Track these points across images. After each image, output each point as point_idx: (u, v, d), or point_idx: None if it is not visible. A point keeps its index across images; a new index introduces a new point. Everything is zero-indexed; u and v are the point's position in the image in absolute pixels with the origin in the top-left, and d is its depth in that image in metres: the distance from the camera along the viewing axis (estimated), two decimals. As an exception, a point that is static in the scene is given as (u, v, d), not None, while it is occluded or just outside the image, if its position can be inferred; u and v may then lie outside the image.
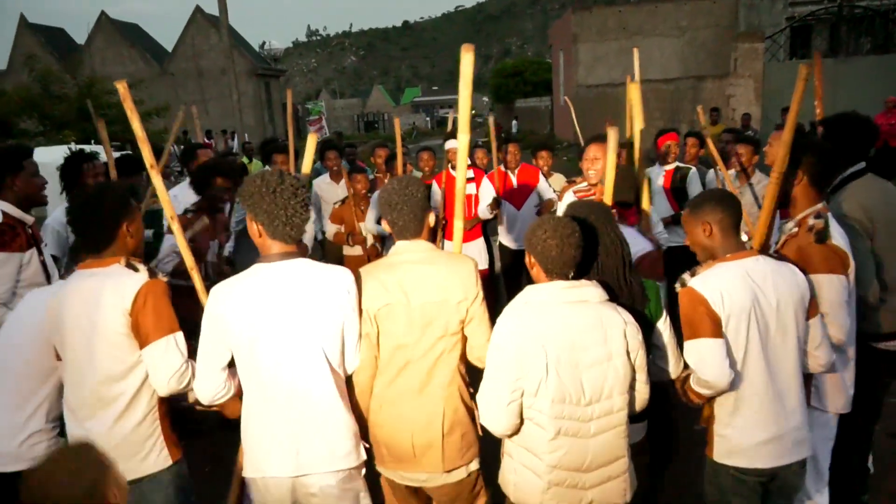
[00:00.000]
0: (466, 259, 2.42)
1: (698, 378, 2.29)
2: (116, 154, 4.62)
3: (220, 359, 2.21)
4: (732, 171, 4.95)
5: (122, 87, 2.47)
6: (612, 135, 2.76)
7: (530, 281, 2.29)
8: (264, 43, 38.94)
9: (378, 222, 5.22)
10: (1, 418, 2.43)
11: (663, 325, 2.45)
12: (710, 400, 2.38)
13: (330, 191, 5.90)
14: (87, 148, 4.57)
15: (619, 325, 2.11)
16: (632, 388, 2.18)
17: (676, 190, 5.42)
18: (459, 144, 2.60)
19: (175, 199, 4.07)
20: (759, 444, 2.29)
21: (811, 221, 2.56)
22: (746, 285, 2.24)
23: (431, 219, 2.42)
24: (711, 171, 5.50)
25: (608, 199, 2.87)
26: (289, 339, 2.16)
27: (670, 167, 5.49)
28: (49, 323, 2.33)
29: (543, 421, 2.08)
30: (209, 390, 2.24)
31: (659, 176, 5.50)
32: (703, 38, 22.05)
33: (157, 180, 2.55)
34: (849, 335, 2.57)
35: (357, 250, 5.59)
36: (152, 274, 2.31)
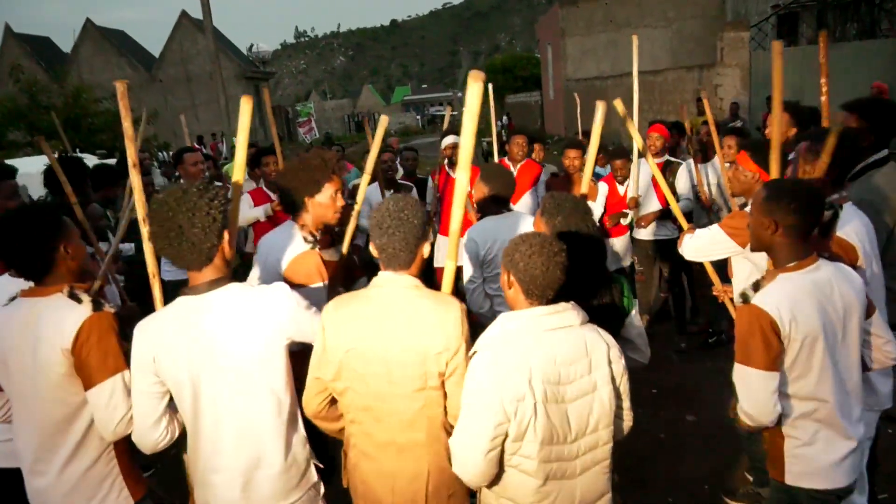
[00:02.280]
0: (453, 303, 2.08)
1: (741, 407, 2.17)
2: (94, 162, 4.55)
3: (156, 406, 2.02)
4: (726, 164, 4.95)
5: (121, 87, 2.37)
6: (601, 106, 2.71)
7: None
8: (252, 45, 38.75)
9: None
10: None
11: (635, 317, 2.40)
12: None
13: None
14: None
15: (603, 350, 1.93)
16: (617, 416, 1.99)
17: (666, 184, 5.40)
18: (458, 184, 2.24)
19: None
20: (838, 461, 2.15)
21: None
22: (816, 302, 2.06)
23: (426, 249, 2.12)
24: (689, 161, 5.49)
25: (586, 183, 2.86)
26: (227, 376, 1.98)
27: (660, 161, 5.44)
28: None
29: (530, 467, 1.86)
30: (150, 441, 2.06)
31: (648, 169, 5.47)
32: (690, 29, 22.07)
33: (136, 179, 2.41)
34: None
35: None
36: (97, 306, 2.10)
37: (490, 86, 6.49)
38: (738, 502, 3.53)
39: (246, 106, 2.35)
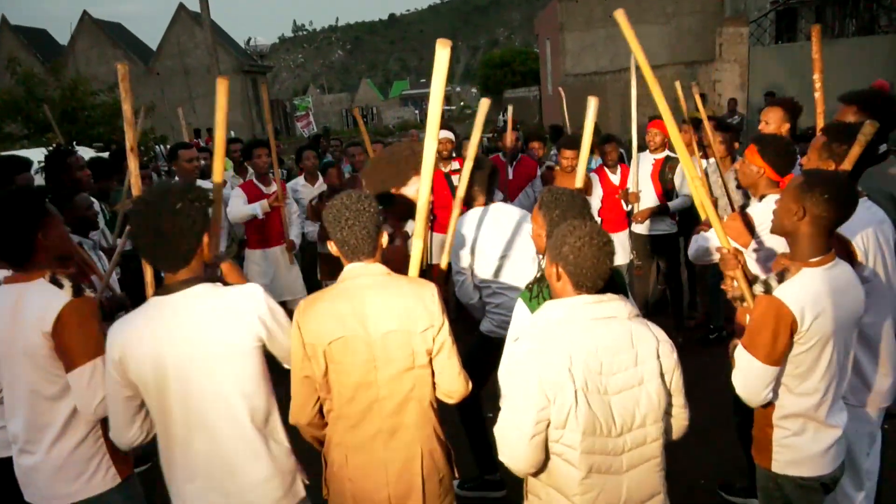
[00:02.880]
0: (427, 283, 2.15)
1: (734, 380, 2.21)
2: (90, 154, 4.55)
3: (130, 408, 2.00)
4: (712, 160, 4.94)
5: (122, 69, 2.35)
6: (592, 103, 2.71)
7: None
8: (250, 39, 38.66)
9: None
10: None
11: None
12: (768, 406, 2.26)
13: (307, 193, 5.85)
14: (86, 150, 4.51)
15: (652, 344, 1.89)
16: (667, 413, 1.96)
17: (664, 180, 5.38)
18: (426, 154, 2.29)
19: None
20: (824, 450, 2.21)
21: None
22: (834, 303, 2.08)
23: (384, 239, 2.15)
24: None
25: (580, 178, 2.84)
26: (195, 378, 1.94)
27: (660, 156, 5.43)
28: None
29: (573, 457, 1.84)
30: (126, 440, 2.06)
31: (647, 164, 5.47)
32: (689, 24, 22.01)
33: (133, 163, 2.44)
34: (877, 329, 2.53)
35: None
36: (78, 291, 2.12)
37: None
38: (734, 496, 3.54)
39: (222, 86, 2.30)
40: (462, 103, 64.21)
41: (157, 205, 1.88)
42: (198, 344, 1.93)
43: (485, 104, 2.78)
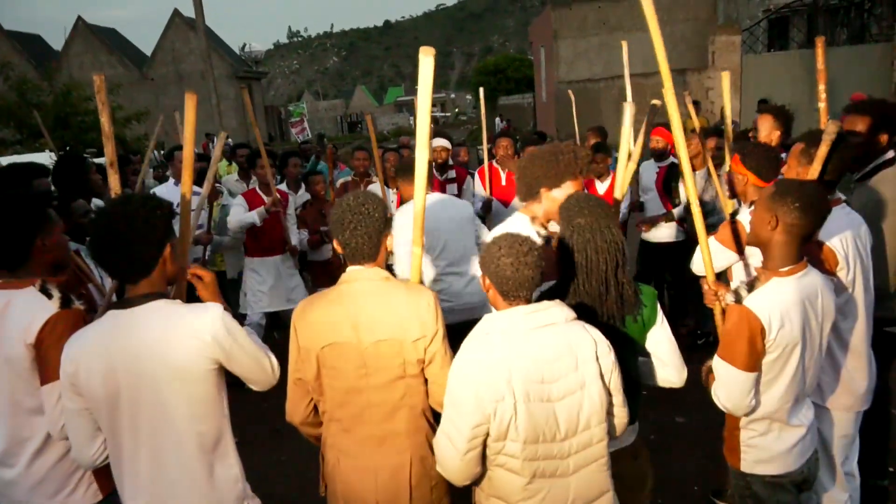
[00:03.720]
0: (425, 290, 2.12)
1: (715, 393, 2.25)
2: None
3: (88, 423, 1.92)
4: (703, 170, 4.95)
5: (98, 80, 2.30)
6: (629, 108, 2.67)
7: None
8: (245, 45, 38.72)
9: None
10: None
11: (661, 332, 2.26)
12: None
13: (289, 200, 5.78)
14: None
15: (590, 346, 1.90)
16: (609, 413, 1.97)
17: (669, 188, 5.34)
18: (418, 166, 2.24)
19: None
20: (789, 448, 2.27)
21: None
22: (803, 311, 2.11)
23: (389, 241, 2.14)
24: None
25: (621, 190, 2.76)
26: (145, 396, 1.86)
27: (664, 164, 5.39)
28: None
29: (515, 466, 1.85)
30: (87, 459, 1.96)
31: (652, 172, 5.44)
32: (681, 32, 22.15)
33: (113, 179, 2.37)
34: (855, 334, 2.59)
35: (323, 254, 5.61)
36: (66, 302, 2.05)
37: (482, 89, 6.48)
38: (725, 502, 3.55)
39: (190, 101, 2.25)
40: (457, 110, 64.41)
41: (116, 211, 1.83)
42: (149, 363, 1.84)
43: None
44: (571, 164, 2.57)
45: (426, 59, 2.12)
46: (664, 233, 5.42)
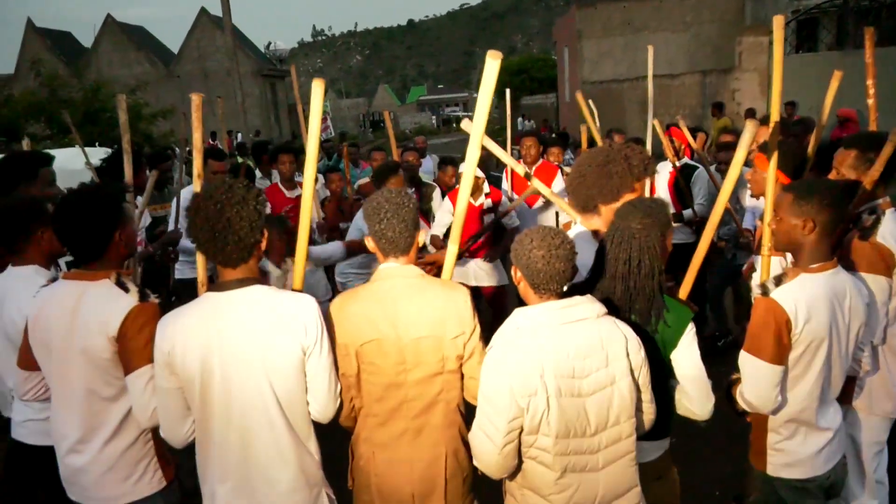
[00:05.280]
0: (460, 288, 2.15)
1: (742, 393, 2.23)
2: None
3: (181, 401, 1.98)
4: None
5: (122, 100, 2.42)
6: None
7: None
8: (269, 44, 39.03)
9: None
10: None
11: (682, 356, 2.12)
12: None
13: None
14: (90, 150, 4.56)
15: (621, 342, 1.91)
16: (638, 409, 1.98)
17: (680, 189, 5.32)
18: (467, 165, 2.25)
19: (186, 201, 4.10)
20: (816, 452, 2.24)
21: (864, 217, 2.51)
22: (830, 308, 2.10)
23: (421, 237, 2.16)
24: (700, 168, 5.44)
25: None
26: (239, 377, 1.91)
27: (679, 164, 5.35)
28: (28, 331, 2.19)
29: (547, 460, 1.88)
30: (180, 436, 2.04)
31: (665, 172, 5.40)
32: (708, 33, 21.90)
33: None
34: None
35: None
36: (143, 296, 2.12)
37: (507, 91, 6.45)
38: (747, 509, 3.51)
39: (196, 101, 2.30)
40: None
41: (223, 196, 1.87)
42: (247, 345, 1.90)
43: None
44: (626, 176, 2.40)
45: (492, 63, 2.12)
46: (676, 234, 5.37)
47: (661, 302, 2.12)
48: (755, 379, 2.16)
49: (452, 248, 2.33)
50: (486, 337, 2.12)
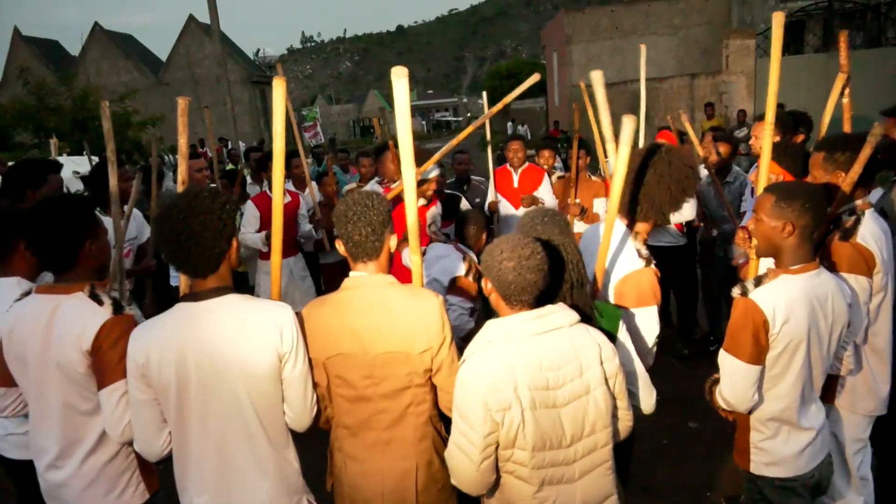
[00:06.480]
0: (431, 297, 2.05)
1: (720, 391, 2.26)
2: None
3: (156, 414, 1.94)
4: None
5: (105, 108, 2.42)
6: (628, 123, 2.63)
7: None
8: (259, 50, 39.02)
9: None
10: None
11: (623, 354, 2.12)
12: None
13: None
14: (76, 159, 4.56)
15: (594, 350, 1.87)
16: (614, 416, 1.95)
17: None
18: (406, 182, 2.18)
19: None
20: (798, 452, 2.26)
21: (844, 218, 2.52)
22: (810, 309, 2.10)
23: (392, 242, 2.08)
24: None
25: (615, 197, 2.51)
26: (215, 387, 1.88)
27: None
28: (3, 346, 2.14)
29: (524, 473, 1.84)
30: (155, 450, 1.98)
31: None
32: (696, 36, 22.10)
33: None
34: (879, 337, 2.56)
35: (334, 257, 5.61)
36: (118, 308, 2.07)
37: (484, 94, 6.48)
38: (739, 509, 3.52)
39: (182, 105, 2.29)
40: (469, 114, 64.42)
41: (188, 207, 1.83)
42: (223, 354, 1.86)
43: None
44: (691, 188, 2.41)
45: (399, 82, 2.05)
46: (665, 237, 5.43)
47: (590, 306, 2.13)
48: (732, 378, 2.18)
49: (416, 259, 2.24)
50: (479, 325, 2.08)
